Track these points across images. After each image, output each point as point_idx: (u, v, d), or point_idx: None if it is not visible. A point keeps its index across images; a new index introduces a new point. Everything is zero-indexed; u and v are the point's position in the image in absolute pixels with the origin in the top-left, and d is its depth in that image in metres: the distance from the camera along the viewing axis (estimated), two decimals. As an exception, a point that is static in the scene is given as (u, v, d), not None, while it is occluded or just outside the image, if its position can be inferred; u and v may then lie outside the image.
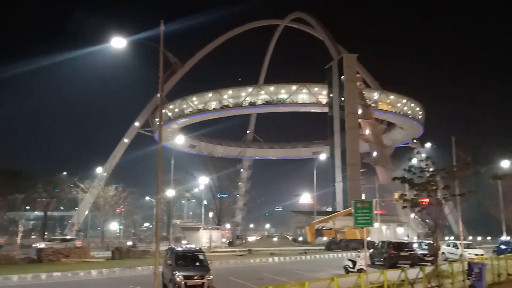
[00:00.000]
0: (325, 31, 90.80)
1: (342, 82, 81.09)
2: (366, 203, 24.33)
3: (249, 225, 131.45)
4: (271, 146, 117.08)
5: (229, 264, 34.92)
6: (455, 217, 58.29)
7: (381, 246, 35.75)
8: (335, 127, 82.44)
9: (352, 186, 75.81)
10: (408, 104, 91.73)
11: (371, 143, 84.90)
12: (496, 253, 37.65)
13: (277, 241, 65.01)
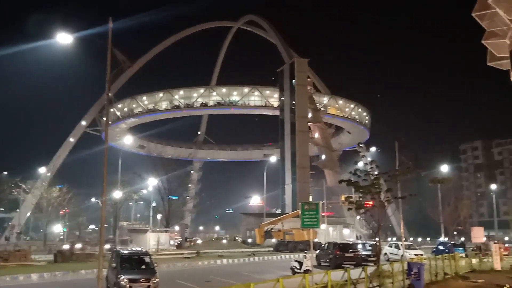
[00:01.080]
0: (277, 35, 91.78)
1: (293, 86, 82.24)
2: (313, 205, 24.71)
3: (199, 227, 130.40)
4: (222, 148, 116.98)
5: (176, 267, 34.54)
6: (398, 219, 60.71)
7: (327, 247, 36.54)
8: (285, 130, 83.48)
9: (301, 188, 77.01)
10: (356, 109, 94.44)
11: (320, 146, 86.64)
12: (434, 253, 39.41)
13: (227, 243, 64.96)
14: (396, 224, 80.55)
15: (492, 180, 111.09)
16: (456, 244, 46.48)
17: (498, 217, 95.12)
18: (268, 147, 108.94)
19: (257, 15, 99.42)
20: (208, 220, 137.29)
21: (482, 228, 35.61)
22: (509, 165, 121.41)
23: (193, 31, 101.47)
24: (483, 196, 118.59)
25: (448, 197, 59.00)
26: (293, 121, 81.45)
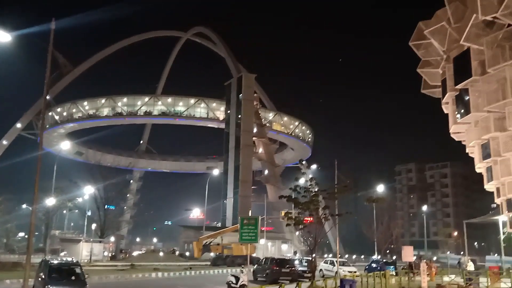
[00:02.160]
0: (226, 49, 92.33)
1: (240, 100, 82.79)
2: (252, 219, 24.94)
3: (136, 239, 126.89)
4: (164, 158, 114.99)
5: (109, 279, 33.35)
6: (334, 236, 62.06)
7: (265, 262, 36.64)
8: (230, 144, 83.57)
9: (242, 202, 77.12)
10: (299, 127, 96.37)
11: (263, 161, 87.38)
12: (367, 271, 40.54)
13: (163, 256, 63.52)
14: (332, 241, 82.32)
15: (424, 202, 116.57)
16: (388, 262, 48.05)
17: (428, 237, 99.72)
18: (212, 160, 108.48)
19: (207, 28, 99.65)
20: (146, 232, 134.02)
21: (412, 247, 37.10)
22: (439, 188, 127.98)
23: (141, 38, 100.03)
24: (415, 216, 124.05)
25: (382, 216, 61.17)
26: (238, 135, 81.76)
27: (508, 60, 18.94)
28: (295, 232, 46.36)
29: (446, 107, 24.06)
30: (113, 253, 64.44)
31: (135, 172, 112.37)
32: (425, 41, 23.25)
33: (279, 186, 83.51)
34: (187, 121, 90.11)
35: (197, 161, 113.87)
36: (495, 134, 20.30)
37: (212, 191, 77.07)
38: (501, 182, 21.17)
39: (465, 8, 20.85)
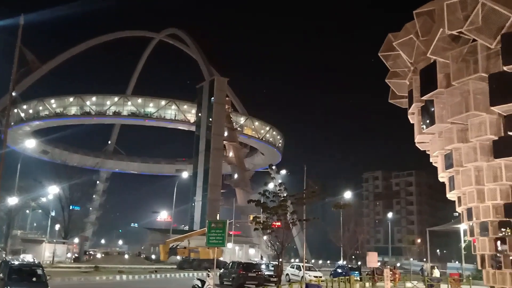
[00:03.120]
0: (199, 51, 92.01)
1: (212, 104, 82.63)
2: (220, 223, 24.84)
3: (101, 240, 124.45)
4: (132, 159, 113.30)
5: (72, 281, 32.66)
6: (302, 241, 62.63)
7: (231, 266, 36.59)
8: (200, 147, 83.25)
9: (211, 206, 76.83)
10: (270, 132, 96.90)
11: (233, 165, 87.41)
12: (332, 276, 41.12)
13: (128, 259, 62.61)
14: (299, 245, 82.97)
15: (389, 209, 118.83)
16: (353, 268, 48.83)
17: (393, 244, 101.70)
18: (181, 163, 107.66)
19: (181, 29, 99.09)
20: (112, 234, 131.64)
21: (376, 253, 37.81)
22: (404, 196, 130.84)
23: (111, 38, 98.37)
24: (380, 223, 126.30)
25: (349, 223, 62.19)
26: (208, 138, 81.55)
27: (472, 74, 19.62)
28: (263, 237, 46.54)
29: (412, 117, 24.71)
30: (76, 254, 63.03)
31: (102, 172, 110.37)
32: (394, 52, 23.83)
33: (248, 190, 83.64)
34: (157, 122, 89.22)
35: (166, 163, 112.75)
36: (458, 145, 20.96)
37: (180, 194, 76.54)
38: (462, 192, 21.87)
39: (432, 22, 21.49)
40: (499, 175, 19.45)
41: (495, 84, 18.99)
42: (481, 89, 19.71)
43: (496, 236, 20.32)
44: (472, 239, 23.47)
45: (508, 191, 19.72)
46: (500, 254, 20.20)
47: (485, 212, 20.59)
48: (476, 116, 19.85)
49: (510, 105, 18.57)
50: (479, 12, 18.90)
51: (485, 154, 19.94)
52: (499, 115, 19.45)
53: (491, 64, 19.60)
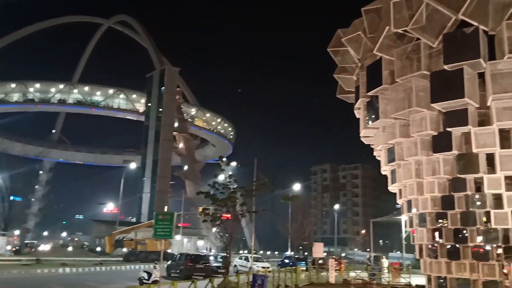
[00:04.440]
0: (149, 39, 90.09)
1: (162, 94, 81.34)
2: (167, 215, 24.64)
3: (43, 232, 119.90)
4: (78, 149, 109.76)
5: (11, 274, 31.36)
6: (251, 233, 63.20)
7: (179, 258, 36.54)
8: (149, 137, 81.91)
9: (159, 198, 75.94)
10: (222, 124, 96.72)
11: (183, 157, 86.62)
12: (279, 266, 41.82)
13: (73, 251, 60.83)
14: (248, 237, 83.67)
15: (336, 201, 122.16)
16: (300, 258, 49.88)
17: (339, 234, 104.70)
18: (129, 153, 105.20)
19: (131, 16, 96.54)
20: (55, 225, 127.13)
21: (322, 244, 38.85)
22: (351, 188, 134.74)
23: (57, 23, 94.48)
24: (327, 214, 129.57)
25: (297, 214, 63.18)
26: (158, 129, 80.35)
27: (415, 71, 20.39)
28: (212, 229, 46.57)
29: (358, 112, 25.40)
30: (17, 247, 60.51)
31: (46, 162, 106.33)
32: (342, 48, 24.35)
33: (198, 182, 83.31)
34: (104, 111, 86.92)
35: (113, 153, 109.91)
36: (400, 140, 21.78)
37: (128, 186, 74.86)
38: (403, 184, 22.79)
39: (380, 20, 22.10)
40: (438, 169, 20.39)
41: (436, 82, 19.82)
42: (423, 86, 20.51)
43: (433, 227, 21.35)
44: (411, 230, 24.56)
45: (445, 184, 20.72)
46: (437, 244, 21.25)
47: (423, 204, 21.57)
48: (417, 112, 20.67)
49: (449, 102, 19.44)
50: (423, 11, 19.61)
51: (425, 149, 20.83)
52: (439, 111, 20.35)
53: (433, 62, 20.42)
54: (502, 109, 18.90)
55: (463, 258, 20.21)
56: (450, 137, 19.86)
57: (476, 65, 18.95)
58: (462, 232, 20.35)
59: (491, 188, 19.20)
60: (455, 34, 19.46)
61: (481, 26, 18.77)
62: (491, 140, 18.95)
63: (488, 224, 19.48)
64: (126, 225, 64.84)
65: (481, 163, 19.30)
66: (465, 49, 18.98)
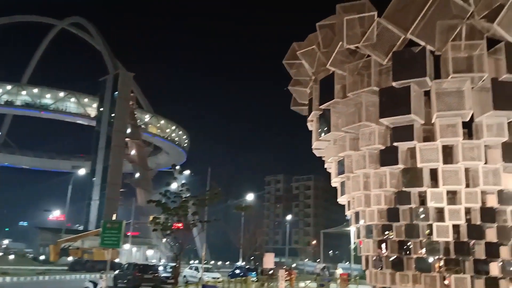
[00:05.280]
0: (104, 43, 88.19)
1: (115, 98, 79.64)
2: (116, 223, 24.04)
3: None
4: (24, 153, 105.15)
5: None
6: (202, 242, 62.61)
7: (127, 268, 35.72)
8: (100, 143, 79.83)
9: (109, 205, 73.93)
10: (176, 131, 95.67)
11: (135, 164, 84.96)
12: (230, 276, 41.56)
13: (14, 259, 58.04)
14: (200, 247, 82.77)
15: (289, 211, 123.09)
16: (250, 269, 49.78)
17: (290, 245, 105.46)
18: (79, 159, 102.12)
19: (85, 18, 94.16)
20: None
21: (273, 254, 38.83)
22: (303, 199, 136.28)
23: (5, 22, 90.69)
24: (279, 225, 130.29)
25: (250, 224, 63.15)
26: (109, 135, 78.49)
27: (365, 87, 21.06)
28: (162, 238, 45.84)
29: (311, 124, 25.86)
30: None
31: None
32: (297, 61, 24.78)
33: (149, 190, 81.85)
34: (53, 115, 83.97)
35: (62, 159, 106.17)
36: (350, 153, 22.34)
37: (76, 192, 72.47)
38: (351, 196, 23.34)
39: (333, 35, 22.68)
40: (384, 182, 21.06)
41: (385, 98, 20.54)
42: (372, 101, 21.19)
43: (379, 239, 21.96)
44: (359, 241, 25.15)
45: (391, 197, 21.41)
46: (382, 255, 21.86)
47: (370, 216, 22.17)
48: (366, 127, 21.31)
49: (396, 117, 20.17)
50: (374, 29, 20.32)
51: (373, 162, 21.47)
52: (387, 126, 21.07)
53: (383, 79, 21.18)
54: (445, 126, 19.80)
55: (406, 269, 20.87)
56: (396, 152, 20.59)
57: (422, 83, 19.80)
58: (406, 244, 21.04)
59: (434, 201, 20.00)
60: (404, 53, 20.30)
61: (428, 46, 19.67)
62: (435, 156, 19.79)
63: (431, 237, 20.24)
64: (72, 233, 62.69)
65: (425, 177, 20.10)
66: (413, 68, 19.82)
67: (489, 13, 19.03)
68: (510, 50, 19.20)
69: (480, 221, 19.71)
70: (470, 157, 19.58)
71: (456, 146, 19.85)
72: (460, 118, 19.66)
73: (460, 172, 19.65)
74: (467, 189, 19.73)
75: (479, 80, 19.51)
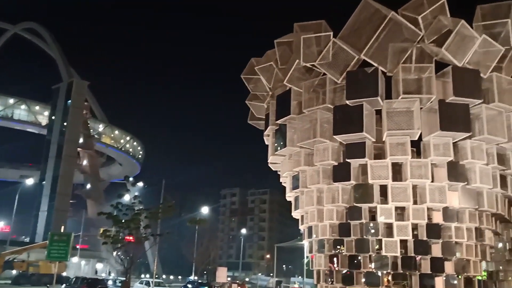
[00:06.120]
0: (58, 50, 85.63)
1: (68, 107, 77.36)
2: (64, 236, 23.38)
3: None
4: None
5: None
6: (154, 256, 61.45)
7: (75, 282, 34.69)
8: (51, 152, 77.00)
9: (58, 217, 71.12)
10: (131, 142, 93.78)
11: (86, 174, 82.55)
12: (182, 291, 41.02)
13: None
14: (152, 261, 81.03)
15: (243, 225, 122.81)
16: (203, 283, 49.24)
17: (244, 259, 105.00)
18: (27, 168, 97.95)
19: (40, 24, 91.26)
20: None
21: (225, 268, 38.86)
22: (258, 213, 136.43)
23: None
24: (234, 239, 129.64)
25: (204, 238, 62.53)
26: (61, 144, 75.90)
27: (320, 104, 21.55)
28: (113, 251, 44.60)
29: (267, 139, 26.14)
30: None
31: None
32: (255, 76, 25.08)
33: (101, 202, 79.59)
34: (2, 122, 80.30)
35: (9, 167, 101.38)
36: (304, 168, 22.71)
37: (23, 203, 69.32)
38: (305, 211, 23.66)
39: (291, 53, 23.15)
40: (337, 197, 21.54)
41: (339, 115, 21.14)
42: (327, 118, 21.73)
43: (330, 253, 22.34)
44: (311, 256, 25.47)
45: (343, 212, 21.90)
46: (333, 269, 22.23)
47: (323, 231, 22.55)
48: (321, 143, 21.79)
49: (349, 135, 20.76)
50: (330, 49, 20.95)
51: (326, 178, 21.93)
52: (340, 143, 21.62)
53: (337, 97, 21.79)
54: (395, 145, 20.55)
55: (356, 284, 21.31)
56: (349, 168, 21.13)
57: (374, 102, 20.52)
58: (357, 258, 21.50)
59: (383, 217, 20.61)
60: (357, 73, 21.02)
61: (380, 67, 20.45)
62: (385, 173, 20.47)
63: (380, 252, 20.79)
64: (18, 245, 59.82)
65: (375, 193, 20.72)
66: (365, 87, 20.55)
67: (438, 38, 20.07)
68: (456, 73, 20.24)
69: (426, 237, 20.45)
70: (418, 175, 20.35)
71: (405, 164, 20.60)
72: (409, 137, 20.46)
73: (408, 189, 20.38)
74: (415, 205, 20.47)
75: (427, 101, 20.42)
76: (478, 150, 20.50)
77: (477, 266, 21.24)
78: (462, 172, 20.55)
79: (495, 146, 20.89)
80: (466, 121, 20.16)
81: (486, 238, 21.69)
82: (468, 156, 20.42)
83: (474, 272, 20.98)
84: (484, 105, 20.27)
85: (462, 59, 19.85)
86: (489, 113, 20.36)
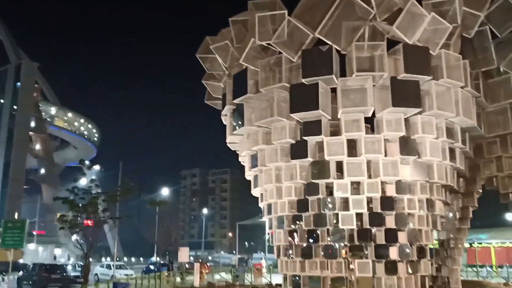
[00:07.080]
0: (4, 29, 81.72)
1: (17, 90, 74.40)
2: (18, 222, 22.83)
3: None
4: None
5: None
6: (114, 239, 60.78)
7: (33, 268, 34.07)
8: (1, 137, 74.35)
9: (11, 203, 69.17)
10: (85, 125, 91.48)
11: (40, 159, 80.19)
12: (144, 272, 40.92)
13: None
14: (112, 244, 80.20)
15: (205, 205, 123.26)
16: (164, 264, 49.38)
17: (206, 238, 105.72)
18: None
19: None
20: None
21: (187, 248, 38.83)
22: (219, 192, 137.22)
23: None
24: (195, 219, 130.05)
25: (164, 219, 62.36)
26: (11, 128, 73.39)
27: (276, 83, 21.68)
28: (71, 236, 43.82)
29: (225, 118, 26.12)
30: None
31: None
32: (211, 55, 24.85)
33: (56, 186, 77.73)
34: None
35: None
36: (262, 147, 22.92)
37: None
38: (264, 189, 23.98)
39: (246, 31, 23.04)
40: (295, 174, 21.89)
41: (295, 94, 21.30)
42: (284, 97, 21.87)
43: (289, 229, 22.84)
44: (271, 232, 25.94)
45: (301, 189, 22.32)
46: (292, 244, 22.78)
47: (282, 207, 22.94)
48: (278, 121, 21.97)
49: (306, 113, 21.02)
50: (285, 27, 20.97)
51: (284, 156, 22.20)
52: (297, 121, 21.90)
53: (293, 75, 21.93)
54: (350, 121, 21.01)
55: (315, 257, 21.94)
56: (306, 146, 21.48)
57: (329, 80, 20.83)
58: (316, 233, 22.10)
59: (340, 192, 21.20)
60: (312, 51, 21.20)
61: (334, 45, 20.72)
62: (340, 149, 20.95)
63: (337, 225, 21.46)
64: (-31, 235, 57.75)
65: (331, 169, 21.21)
66: (320, 66, 20.77)
67: (389, 16, 20.46)
68: (407, 51, 20.78)
69: (381, 209, 21.21)
70: (372, 150, 20.94)
71: (359, 140, 21.14)
72: (363, 114, 20.94)
73: (363, 164, 20.97)
74: (369, 180, 21.11)
75: (379, 79, 20.91)
76: (428, 125, 21.22)
77: (428, 235, 22.24)
78: (413, 146, 21.28)
79: (444, 120, 21.68)
80: (417, 97, 20.78)
81: (437, 209, 22.67)
82: (419, 131, 21.11)
83: (426, 241, 21.99)
84: (434, 82, 20.93)
85: (412, 37, 20.35)
86: (438, 89, 21.04)
